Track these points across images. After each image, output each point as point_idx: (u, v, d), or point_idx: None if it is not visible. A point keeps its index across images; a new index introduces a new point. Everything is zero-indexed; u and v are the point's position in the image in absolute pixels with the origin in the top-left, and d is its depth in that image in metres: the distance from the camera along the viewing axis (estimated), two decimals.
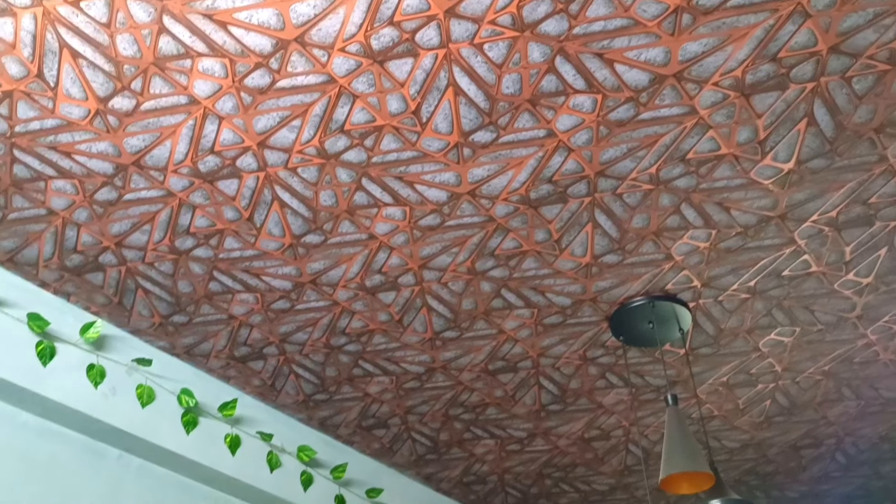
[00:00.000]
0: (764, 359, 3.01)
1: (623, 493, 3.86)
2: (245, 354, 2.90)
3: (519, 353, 2.95)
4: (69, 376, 2.55)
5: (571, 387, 3.14)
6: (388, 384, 3.09)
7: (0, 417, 2.47)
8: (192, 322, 2.74)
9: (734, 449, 3.54)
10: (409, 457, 3.53)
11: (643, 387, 3.16)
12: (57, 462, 2.56)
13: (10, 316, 2.46)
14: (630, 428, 3.39)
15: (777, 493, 3.88)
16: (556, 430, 3.39)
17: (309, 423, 3.29)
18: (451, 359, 2.97)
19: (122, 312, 2.69)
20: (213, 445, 2.89)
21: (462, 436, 3.41)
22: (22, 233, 2.38)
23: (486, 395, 3.18)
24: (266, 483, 3.03)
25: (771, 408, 3.28)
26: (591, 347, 2.94)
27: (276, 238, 2.44)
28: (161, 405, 2.78)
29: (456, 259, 2.54)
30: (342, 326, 2.79)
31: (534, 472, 3.67)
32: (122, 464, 2.74)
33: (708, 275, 2.62)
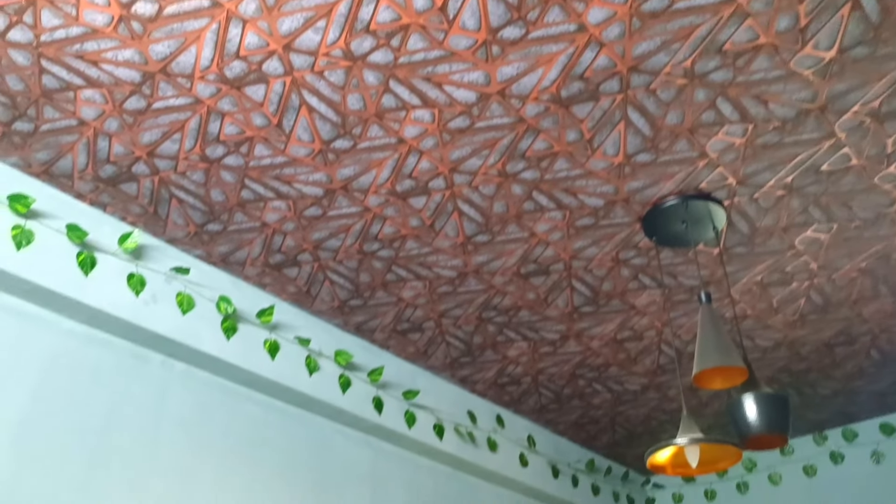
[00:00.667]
0: (799, 257, 2.97)
1: (655, 393, 3.92)
2: (280, 262, 2.94)
3: (551, 255, 2.96)
4: (110, 285, 2.61)
5: (604, 289, 3.15)
6: (422, 289, 3.12)
7: (46, 325, 2.55)
8: (227, 230, 2.78)
9: (767, 348, 3.55)
10: (444, 359, 3.60)
11: (676, 287, 3.15)
12: (103, 368, 2.65)
13: (49, 227, 2.51)
14: (663, 329, 3.41)
15: (809, 391, 3.91)
16: (589, 331, 3.42)
17: (345, 329, 3.36)
18: (483, 263, 2.98)
19: (157, 222, 2.73)
20: (252, 350, 2.97)
21: (495, 339, 3.46)
22: (55, 144, 2.40)
23: (518, 298, 3.20)
24: (306, 386, 3.12)
25: (805, 306, 3.27)
26: (624, 249, 2.93)
27: (306, 144, 2.43)
28: (200, 312, 2.85)
29: (486, 162, 2.52)
30: (374, 232, 2.81)
31: (567, 372, 3.73)
32: (165, 369, 2.83)
33: (743, 172, 2.57)
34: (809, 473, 4.20)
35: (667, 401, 3.99)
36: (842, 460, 4.14)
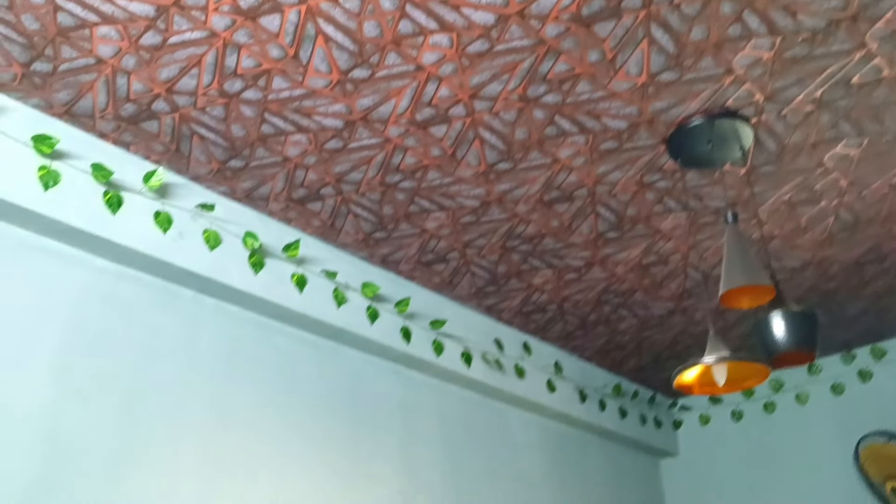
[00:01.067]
0: (828, 174, 2.93)
1: (681, 317, 3.93)
2: (303, 196, 2.95)
3: (574, 181, 2.93)
4: (138, 223, 2.64)
5: (628, 214, 3.13)
6: (445, 219, 3.12)
7: (80, 263, 2.60)
8: (249, 166, 2.78)
9: (795, 269, 3.52)
10: (470, 289, 3.62)
11: (702, 210, 3.12)
12: (136, 304, 2.71)
13: (75, 168, 2.53)
14: (688, 252, 3.39)
15: (837, 311, 3.89)
16: (614, 257, 3.42)
17: (370, 261, 3.38)
18: (506, 191, 2.97)
19: (180, 160, 2.74)
20: (280, 284, 3.01)
21: (520, 267, 3.47)
22: (74, 84, 2.40)
23: (542, 225, 3.19)
24: (334, 318, 3.16)
25: (834, 225, 3.23)
26: (648, 172, 2.89)
27: (324, 75, 2.40)
28: (227, 248, 2.88)
29: (507, 87, 2.48)
30: (396, 163, 2.80)
31: (592, 299, 3.74)
32: (197, 304, 2.88)
33: (771, 87, 2.51)
34: (837, 392, 4.22)
35: (693, 324, 4.00)
36: (870, 378, 4.15)
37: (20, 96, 2.44)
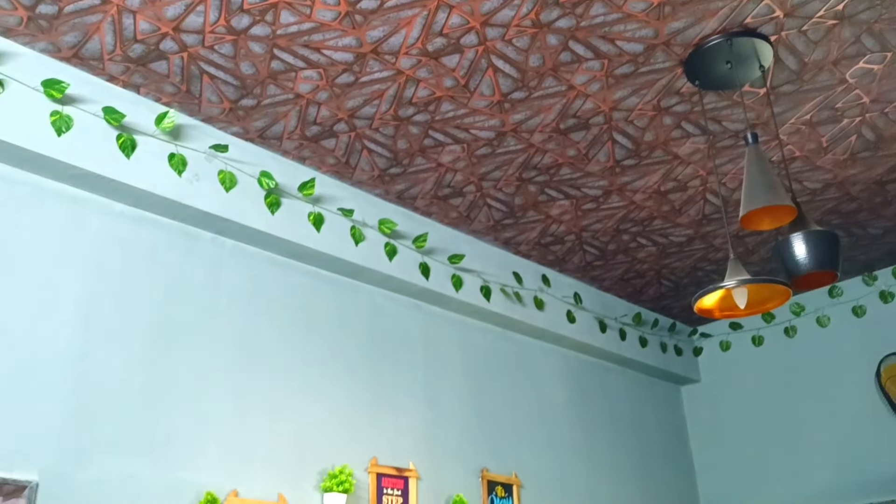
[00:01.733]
0: (850, 91, 2.86)
1: (701, 243, 3.90)
2: (316, 133, 2.93)
3: (590, 108, 2.89)
4: (153, 166, 2.64)
5: (646, 139, 3.09)
6: (460, 152, 3.10)
7: (98, 208, 2.61)
8: (261, 104, 2.76)
9: (816, 190, 3.48)
10: (487, 223, 3.61)
11: (721, 133, 3.07)
12: (157, 247, 2.72)
13: (86, 112, 2.52)
14: (707, 177, 3.35)
15: (859, 231, 3.85)
16: (632, 185, 3.39)
17: (386, 198, 3.37)
18: (521, 121, 2.93)
19: (191, 101, 2.72)
20: (298, 224, 3.02)
21: (537, 198, 3.44)
22: (81, 25, 2.37)
23: (558, 155, 3.16)
24: (352, 255, 3.17)
25: (856, 143, 3.17)
26: (666, 96, 2.84)
27: (331, 7, 2.36)
28: (243, 188, 2.87)
29: (519, 12, 2.42)
30: (408, 96, 2.76)
31: (610, 228, 3.72)
32: (216, 245, 2.90)
33: (791, 2, 2.43)
34: (858, 314, 4.20)
35: (712, 250, 3.97)
36: (892, 299, 4.13)
37: (27, 41, 2.42)
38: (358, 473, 3.00)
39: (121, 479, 2.39)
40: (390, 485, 3.10)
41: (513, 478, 3.58)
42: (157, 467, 2.48)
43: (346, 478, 2.86)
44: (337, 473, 2.86)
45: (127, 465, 2.41)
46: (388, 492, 3.08)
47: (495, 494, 3.48)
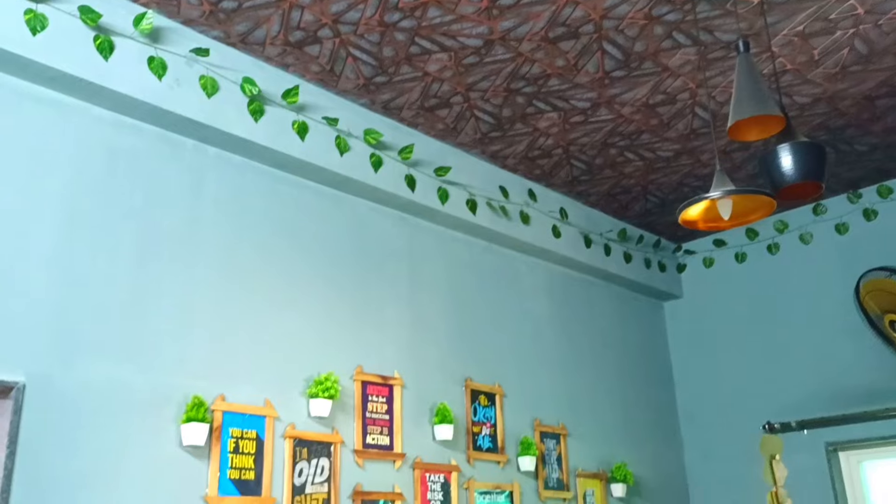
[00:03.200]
0: (845, 1, 2.80)
1: (688, 158, 3.89)
2: (300, 39, 2.86)
3: (580, 16, 2.82)
4: (132, 69, 2.58)
5: (636, 50, 3.03)
6: (447, 61, 3.04)
7: (75, 112, 2.56)
8: (242, 7, 2.68)
9: (805, 105, 3.45)
10: (474, 135, 3.57)
11: (712, 44, 3.02)
12: (138, 154, 2.69)
13: (61, 11, 2.44)
14: (697, 90, 3.32)
15: (846, 148, 3.84)
16: (620, 97, 3.35)
17: (372, 108, 3.32)
18: (509, 28, 2.87)
19: (170, 1, 2.63)
20: (282, 132, 2.97)
21: (525, 110, 3.40)
22: None
23: (547, 65, 3.10)
24: (337, 166, 3.14)
25: (848, 57, 3.13)
26: (658, 4, 2.78)
27: None
28: (226, 95, 2.82)
29: None
30: (394, 1, 2.69)
31: (598, 142, 3.69)
32: (198, 153, 2.86)
33: None
34: (841, 231, 4.24)
35: (699, 166, 3.97)
36: (875, 217, 4.16)
37: None
38: (343, 381, 3.05)
39: (107, 382, 2.42)
40: (375, 392, 3.15)
41: (496, 387, 3.65)
42: (144, 371, 2.50)
43: (331, 384, 2.90)
44: (323, 380, 2.90)
45: (113, 369, 2.44)
46: (374, 399, 3.14)
47: (478, 403, 3.55)
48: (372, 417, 3.10)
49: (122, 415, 2.42)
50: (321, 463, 2.88)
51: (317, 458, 2.87)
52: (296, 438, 2.82)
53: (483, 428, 3.53)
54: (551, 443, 3.81)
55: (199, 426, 2.51)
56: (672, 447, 4.55)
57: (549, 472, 3.74)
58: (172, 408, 2.54)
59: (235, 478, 2.62)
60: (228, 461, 2.62)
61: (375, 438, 3.09)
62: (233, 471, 2.62)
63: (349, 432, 3.01)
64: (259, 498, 2.66)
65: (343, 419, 3.01)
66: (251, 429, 2.71)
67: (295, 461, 2.80)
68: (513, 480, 3.56)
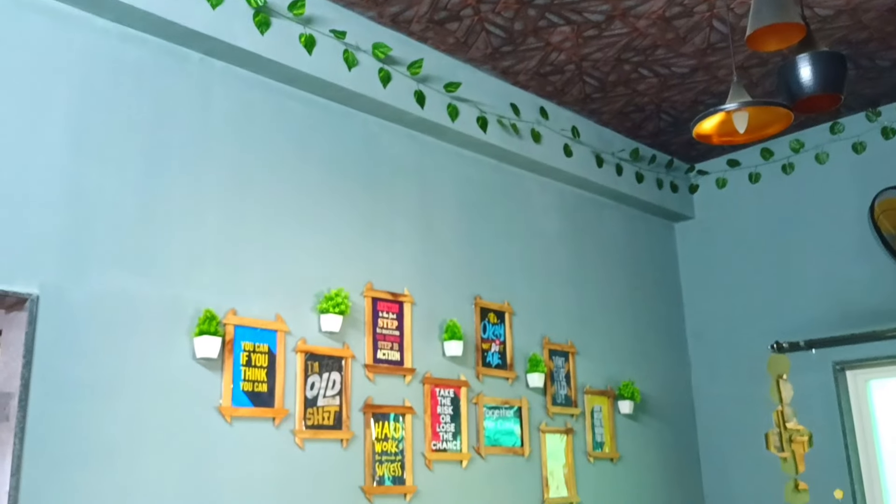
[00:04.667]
0: None
1: (704, 75, 3.80)
2: None
3: None
4: None
5: None
6: None
7: (81, 24, 2.51)
8: None
9: (826, 17, 3.34)
10: (485, 50, 3.50)
11: None
12: (144, 67, 2.65)
13: None
14: (715, 2, 3.21)
15: (867, 63, 3.74)
16: (636, 10, 3.25)
17: (380, 21, 3.24)
18: None
19: None
20: (289, 46, 2.92)
21: (537, 24, 3.31)
22: None
23: None
24: (346, 81, 3.09)
25: None
26: None
27: None
28: (231, 6, 2.75)
29: None
30: None
31: (611, 58, 3.61)
32: (205, 66, 2.81)
33: None
34: (858, 151, 4.17)
35: (715, 82, 3.88)
36: (893, 135, 4.08)
37: None
38: (353, 297, 3.07)
39: (120, 294, 2.44)
40: (385, 309, 3.18)
41: (505, 305, 3.67)
42: (156, 284, 2.52)
43: (342, 300, 2.92)
44: (333, 296, 2.92)
45: (125, 282, 2.46)
46: (384, 315, 3.16)
47: (488, 321, 3.58)
48: (382, 333, 3.13)
49: (135, 327, 2.45)
50: (332, 377, 2.92)
51: (328, 372, 2.91)
52: (307, 353, 2.86)
53: (492, 345, 3.56)
54: (560, 360, 3.85)
55: (212, 339, 2.55)
56: (680, 366, 4.60)
57: (557, 389, 3.80)
58: (185, 321, 2.57)
59: (248, 390, 2.67)
60: (241, 374, 2.66)
61: (386, 354, 3.13)
62: (245, 383, 2.67)
63: (360, 347, 3.05)
64: (272, 409, 2.71)
65: (354, 335, 3.04)
66: (263, 343, 2.74)
67: (306, 375, 2.84)
68: (521, 396, 3.61)
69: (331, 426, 2.87)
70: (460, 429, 3.30)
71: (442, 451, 3.22)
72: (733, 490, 4.36)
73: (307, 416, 2.81)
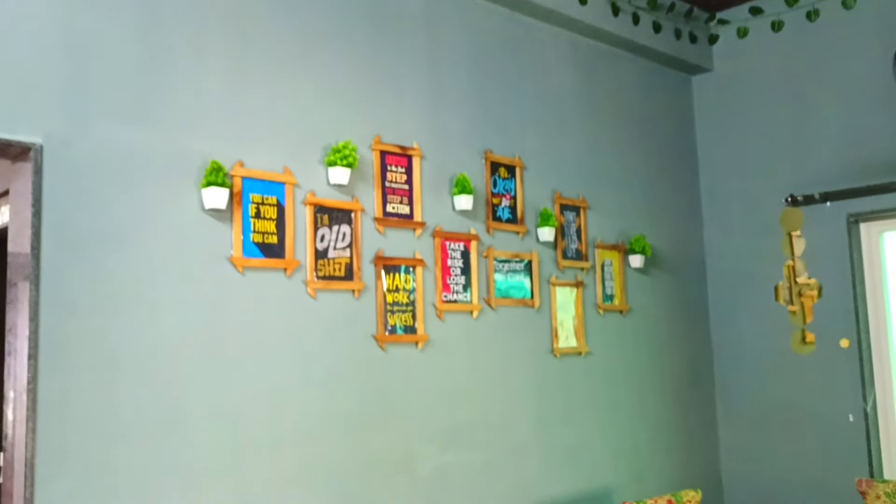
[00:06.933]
0: None
1: None
2: None
3: None
4: None
5: None
6: None
7: None
8: None
9: None
10: None
11: None
12: None
13: None
14: None
15: None
16: None
17: None
18: None
19: None
20: None
21: None
22: None
23: None
24: None
25: None
26: None
27: None
28: None
29: None
30: None
31: None
32: None
33: None
34: None
35: None
36: None
37: None
38: (362, 151, 3.03)
39: (125, 145, 2.42)
40: (394, 162, 3.15)
41: (516, 160, 3.63)
42: (161, 136, 2.50)
43: (349, 152, 2.89)
44: (340, 148, 2.89)
45: (130, 132, 2.43)
46: (392, 169, 3.14)
47: (498, 175, 3.55)
48: (391, 187, 3.12)
49: (141, 177, 2.45)
50: (342, 229, 2.93)
51: (338, 225, 2.92)
52: (316, 205, 2.86)
53: (503, 200, 3.55)
54: (571, 215, 3.84)
55: (219, 190, 2.54)
56: (692, 222, 4.58)
57: (567, 244, 3.81)
58: (192, 173, 2.56)
59: (259, 241, 2.69)
60: (251, 225, 2.68)
61: (395, 207, 3.12)
62: (255, 234, 2.69)
63: (369, 201, 3.04)
64: (283, 260, 2.74)
65: (363, 188, 3.03)
66: (271, 195, 2.74)
67: (316, 227, 2.85)
68: (531, 250, 3.63)
69: (342, 277, 2.91)
70: (471, 281, 3.34)
71: (452, 302, 3.27)
72: (742, 342, 4.44)
73: (318, 268, 2.84)
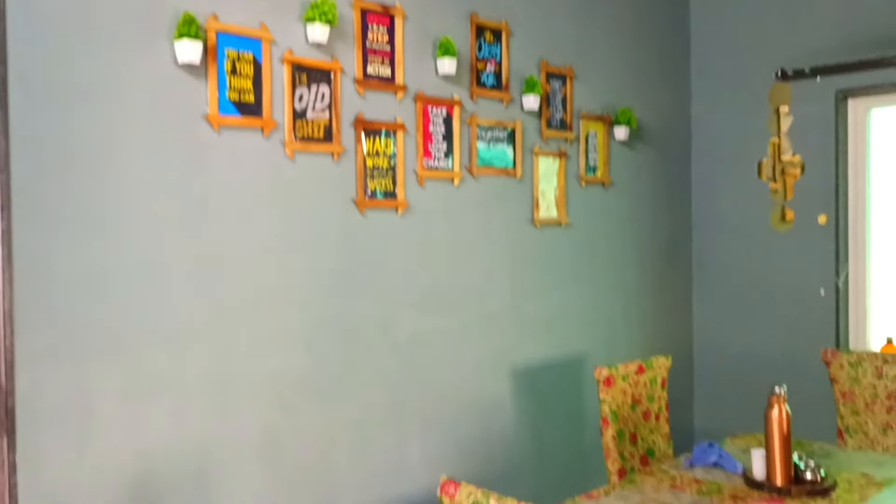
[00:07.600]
0: None
1: None
2: None
3: None
4: None
5: None
6: None
7: None
8: None
9: None
10: None
11: None
12: None
13: None
14: None
15: None
16: None
17: None
18: None
19: None
20: None
21: None
22: None
23: None
24: None
25: None
26: None
27: None
28: None
29: None
30: None
31: None
32: None
33: None
34: None
35: None
36: None
37: None
38: (342, 8, 2.92)
39: None
40: (376, 21, 3.04)
41: (502, 24, 3.51)
42: None
43: (328, 8, 2.78)
44: (319, 4, 2.77)
45: None
46: (374, 28, 3.03)
47: (483, 39, 3.44)
48: (372, 47, 3.03)
49: (111, 30, 2.35)
50: (321, 90, 2.86)
51: (316, 85, 2.85)
52: (294, 63, 2.78)
53: (487, 65, 3.46)
54: (557, 84, 3.77)
55: (193, 43, 2.46)
56: (679, 97, 4.51)
57: (552, 113, 3.75)
58: (163, 25, 2.46)
59: (235, 99, 2.63)
60: (227, 82, 2.60)
61: (376, 69, 3.04)
62: (232, 92, 2.62)
63: (349, 61, 2.96)
64: (260, 119, 2.69)
65: (342, 48, 2.93)
66: (247, 50, 2.65)
67: (294, 86, 2.78)
68: (515, 119, 3.57)
69: (321, 139, 2.87)
70: (452, 148, 3.30)
71: (434, 169, 3.24)
72: (722, 218, 4.47)
73: (297, 128, 2.79)
